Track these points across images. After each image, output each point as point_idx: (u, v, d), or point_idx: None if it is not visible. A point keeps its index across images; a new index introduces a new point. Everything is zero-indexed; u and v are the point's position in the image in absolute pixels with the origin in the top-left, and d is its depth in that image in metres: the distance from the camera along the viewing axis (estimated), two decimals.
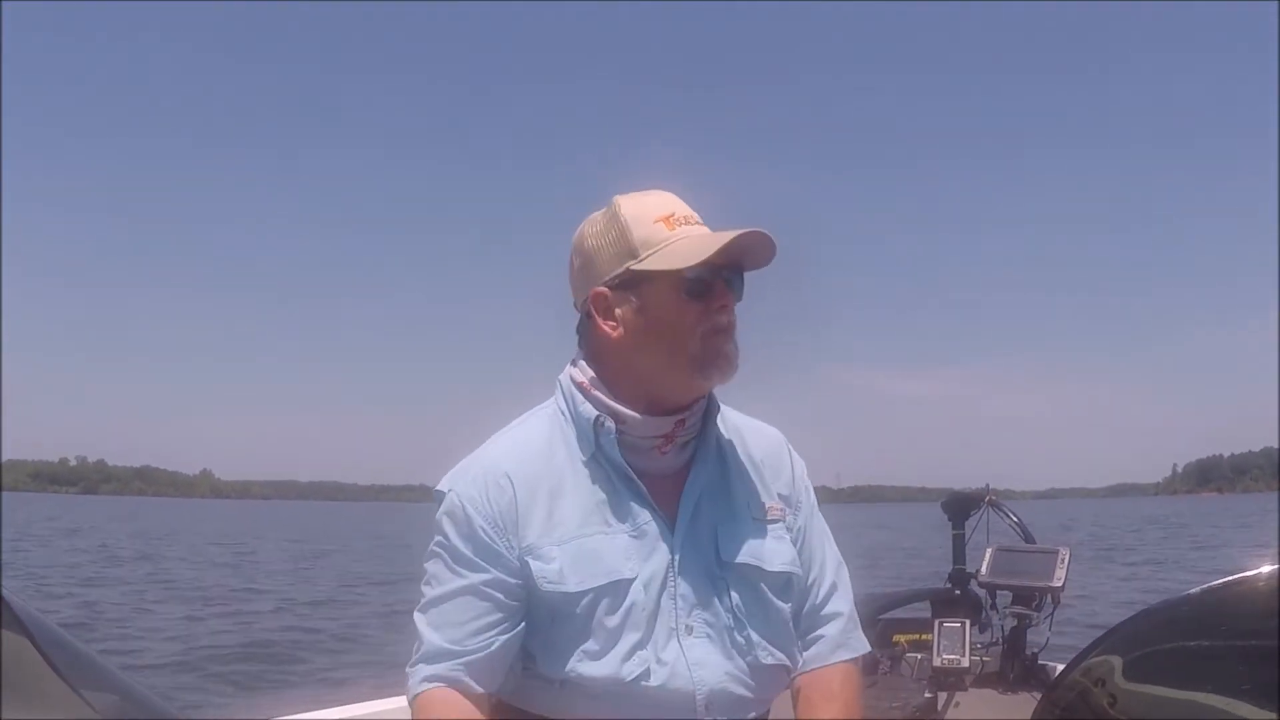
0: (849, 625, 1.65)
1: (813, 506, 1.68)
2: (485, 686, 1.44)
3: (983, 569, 2.90)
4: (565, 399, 1.56)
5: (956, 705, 2.71)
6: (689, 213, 1.52)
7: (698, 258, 1.44)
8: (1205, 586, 1.38)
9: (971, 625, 2.79)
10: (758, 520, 1.56)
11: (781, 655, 1.54)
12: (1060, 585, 2.77)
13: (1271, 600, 1.31)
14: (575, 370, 1.56)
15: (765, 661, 1.51)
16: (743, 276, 1.52)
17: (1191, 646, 1.41)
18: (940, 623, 2.77)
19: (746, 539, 1.53)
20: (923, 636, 2.85)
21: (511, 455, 1.51)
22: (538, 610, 1.46)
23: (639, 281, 1.48)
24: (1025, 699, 2.70)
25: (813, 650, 1.61)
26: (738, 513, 1.55)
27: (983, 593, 2.94)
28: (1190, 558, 22.55)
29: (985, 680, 2.79)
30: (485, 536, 1.45)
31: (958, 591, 3.02)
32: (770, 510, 1.58)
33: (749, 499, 1.58)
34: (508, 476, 1.48)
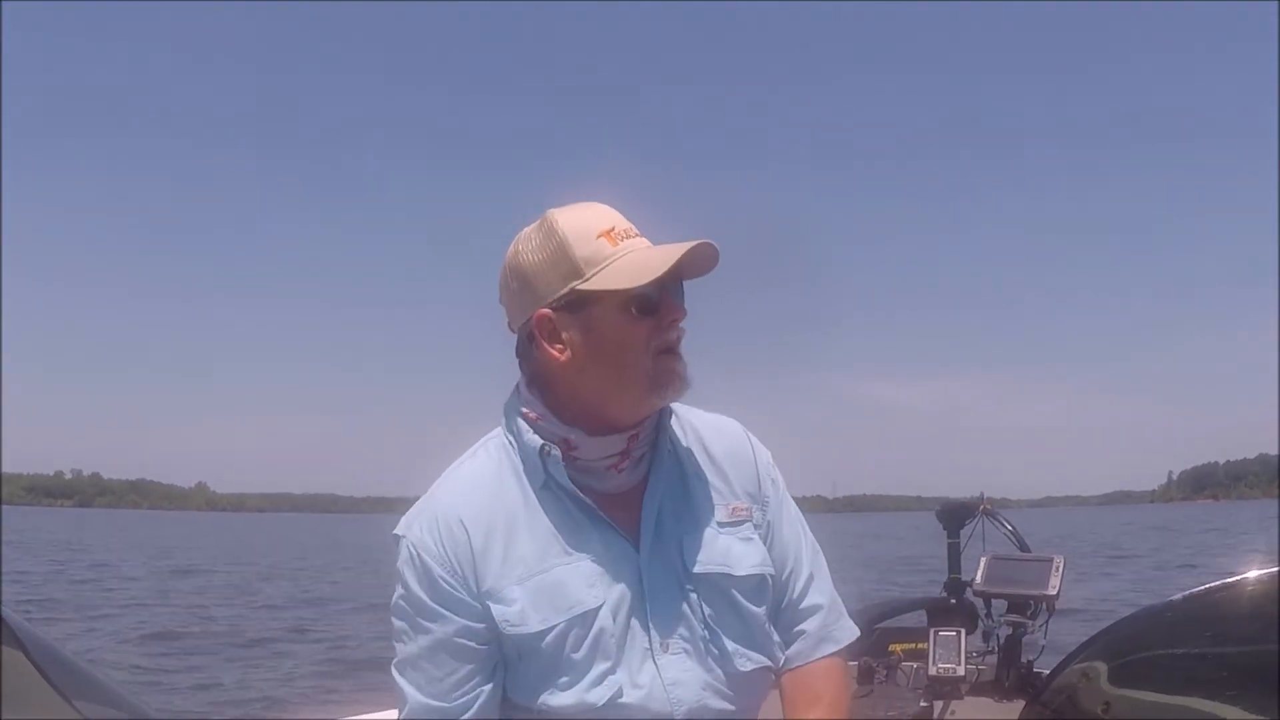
0: (829, 616, 1.60)
1: (782, 496, 1.62)
2: None
3: (978, 578, 2.92)
4: (509, 429, 1.52)
5: (952, 713, 2.72)
6: (628, 226, 1.47)
7: (651, 274, 1.39)
8: (1190, 591, 1.40)
9: (967, 634, 2.81)
10: (723, 524, 1.52)
11: (761, 657, 1.51)
12: (1055, 593, 2.80)
13: (1257, 605, 1.33)
14: (518, 398, 1.51)
15: (744, 669, 1.48)
16: (682, 286, 1.48)
17: (1178, 652, 1.42)
18: (936, 631, 2.79)
19: (713, 546, 1.50)
20: (918, 645, 2.87)
21: (463, 496, 1.47)
22: (508, 646, 1.43)
23: (585, 302, 1.43)
24: (1020, 707, 2.71)
25: (795, 647, 1.57)
26: (701, 520, 1.51)
27: (978, 601, 2.97)
28: (1185, 564, 22.56)
29: (981, 689, 2.81)
30: (446, 585, 1.42)
31: (953, 600, 3.05)
32: (735, 511, 1.54)
33: (712, 503, 1.54)
34: (460, 521, 1.44)
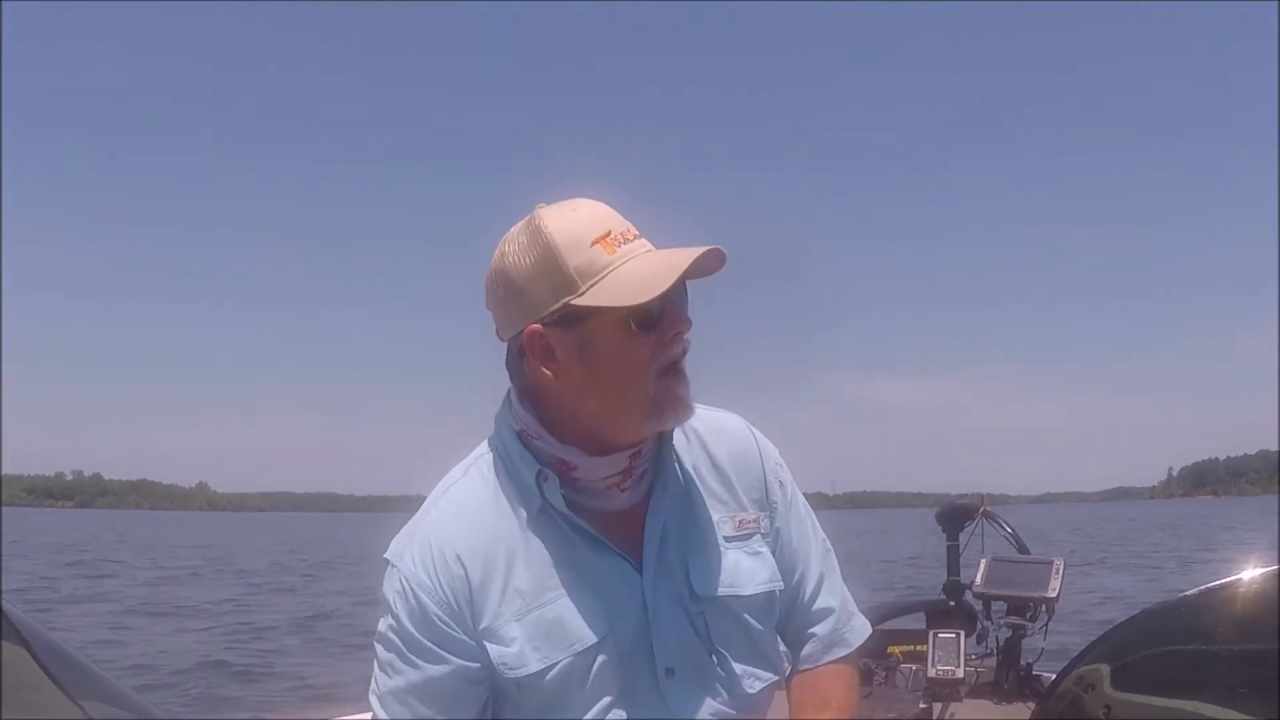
0: (840, 619, 1.55)
1: (790, 497, 1.53)
2: None
3: (977, 580, 2.91)
4: (502, 449, 1.41)
5: (951, 716, 2.71)
6: (626, 228, 1.32)
7: (655, 289, 1.25)
8: (1193, 591, 1.39)
9: (966, 636, 2.81)
10: (730, 538, 1.44)
11: (770, 675, 1.47)
12: (1055, 595, 2.79)
13: (1258, 604, 1.32)
14: (512, 414, 1.40)
15: (752, 690, 1.44)
16: (686, 292, 1.34)
17: (1182, 652, 1.41)
18: (935, 633, 2.78)
19: (720, 566, 1.42)
20: (918, 647, 2.86)
21: (459, 528, 1.36)
22: (504, 684, 1.35)
23: (580, 317, 1.29)
24: (1020, 709, 2.71)
25: (805, 649, 1.53)
26: (707, 537, 1.43)
27: (978, 603, 2.96)
28: (1188, 561, 22.53)
29: (980, 691, 2.80)
30: (440, 623, 1.33)
31: (952, 602, 3.05)
32: (743, 524, 1.46)
33: (719, 518, 1.45)
34: (458, 557, 1.34)
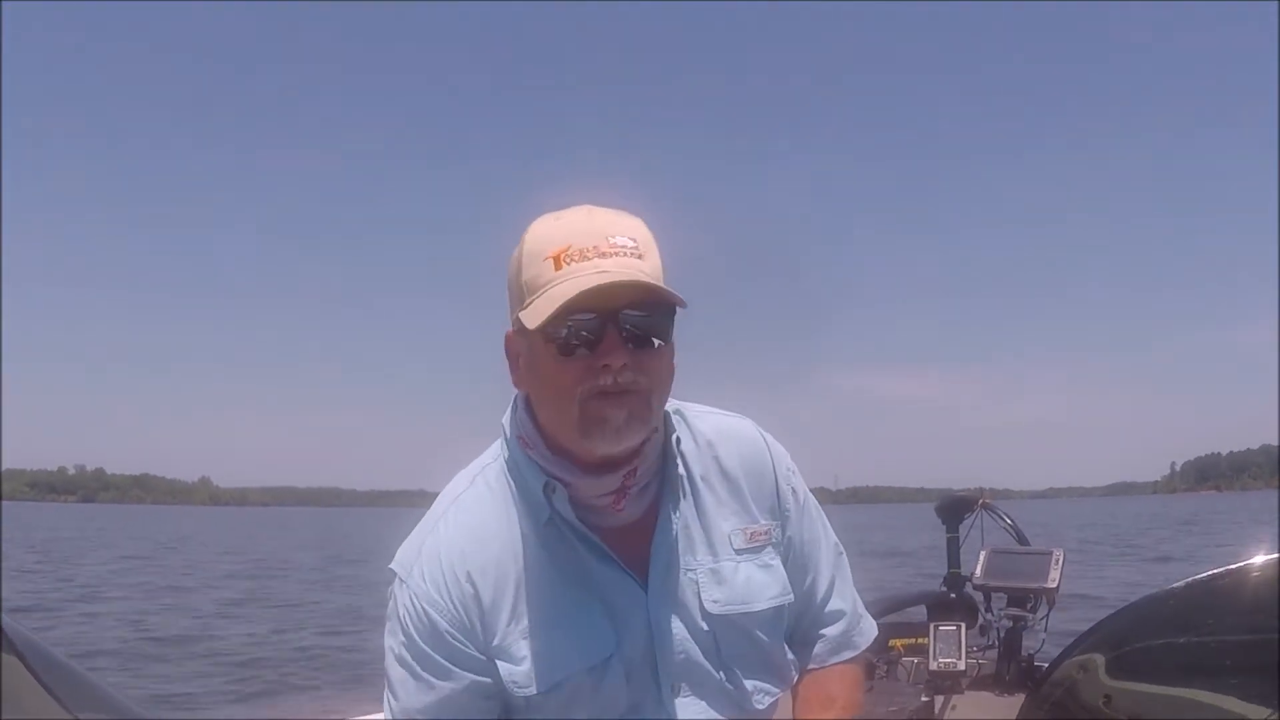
0: (851, 621, 1.55)
1: (803, 503, 1.51)
2: None
3: (977, 572, 2.92)
4: (510, 456, 1.40)
5: (953, 708, 2.71)
6: (596, 244, 1.26)
7: (539, 317, 1.23)
8: (1189, 580, 1.38)
9: (967, 628, 2.80)
10: (741, 551, 1.42)
11: (779, 688, 1.46)
12: (1055, 586, 2.79)
13: (1257, 592, 1.31)
14: (515, 418, 1.39)
15: (760, 705, 1.43)
16: (662, 315, 1.28)
17: (1178, 642, 1.41)
18: (936, 626, 2.77)
19: (731, 582, 1.40)
20: (919, 640, 2.86)
21: (468, 543, 1.35)
22: (512, 700, 1.35)
23: (525, 332, 1.29)
24: (1021, 701, 2.70)
25: (814, 650, 1.53)
26: (718, 551, 1.41)
27: (978, 595, 2.96)
28: (1189, 554, 22.52)
29: (981, 683, 2.79)
30: (454, 641, 1.32)
31: (953, 595, 3.05)
32: (754, 536, 1.44)
33: (728, 529, 1.43)
34: (469, 574, 1.33)
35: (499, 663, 1.33)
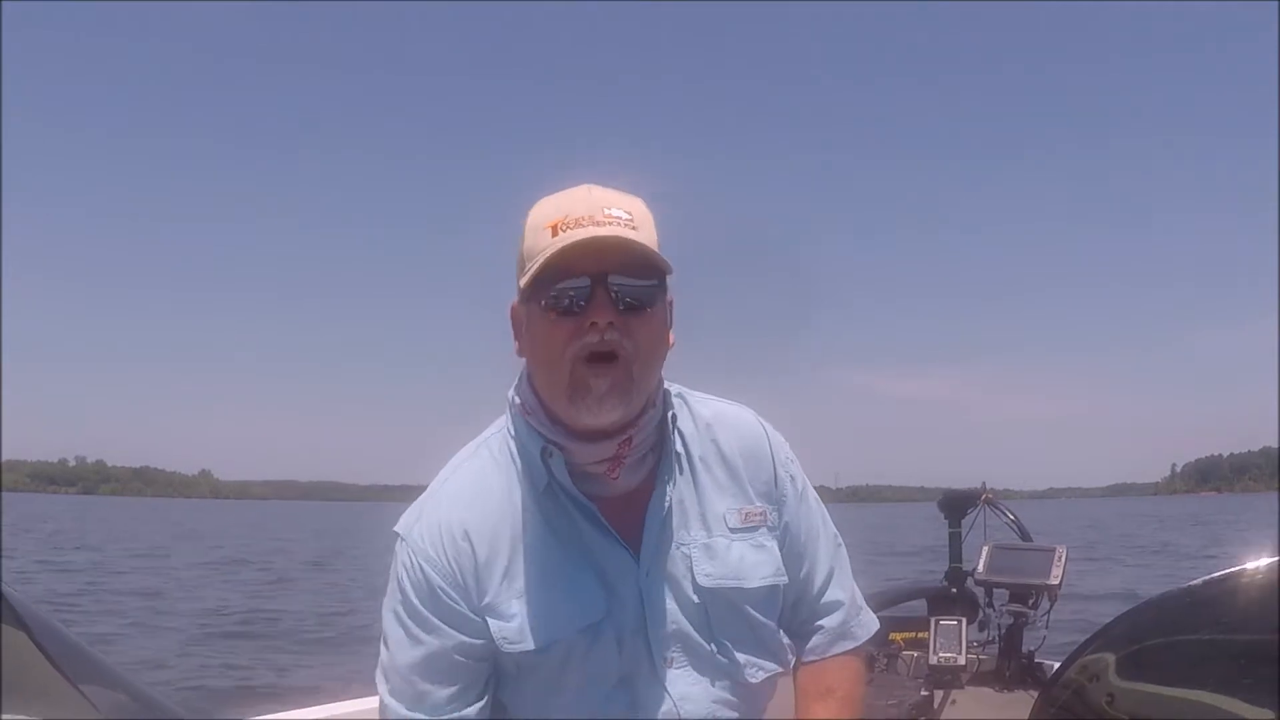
0: (849, 612, 1.55)
1: (801, 490, 1.53)
2: None
3: (979, 567, 2.91)
4: (511, 426, 1.44)
5: (953, 703, 2.71)
6: (594, 212, 1.31)
7: (529, 275, 1.29)
8: (1197, 581, 1.37)
9: (968, 623, 2.80)
10: (736, 530, 1.44)
11: (773, 665, 1.47)
12: (1057, 583, 2.78)
13: (1264, 593, 1.30)
14: (518, 390, 1.44)
15: (754, 679, 1.44)
16: (650, 279, 1.32)
17: (1186, 641, 1.40)
18: (937, 620, 2.78)
19: (725, 557, 1.42)
20: (919, 634, 2.85)
21: (467, 505, 1.40)
22: (504, 662, 1.39)
23: (525, 299, 1.35)
24: (1022, 697, 2.70)
25: (812, 641, 1.53)
26: (712, 527, 1.43)
27: (980, 591, 2.95)
28: (1192, 555, 22.53)
29: (982, 678, 2.80)
30: (446, 598, 1.36)
31: (954, 589, 3.03)
32: (749, 516, 1.46)
33: (723, 509, 1.45)
34: (466, 533, 1.37)
35: (490, 620, 1.36)
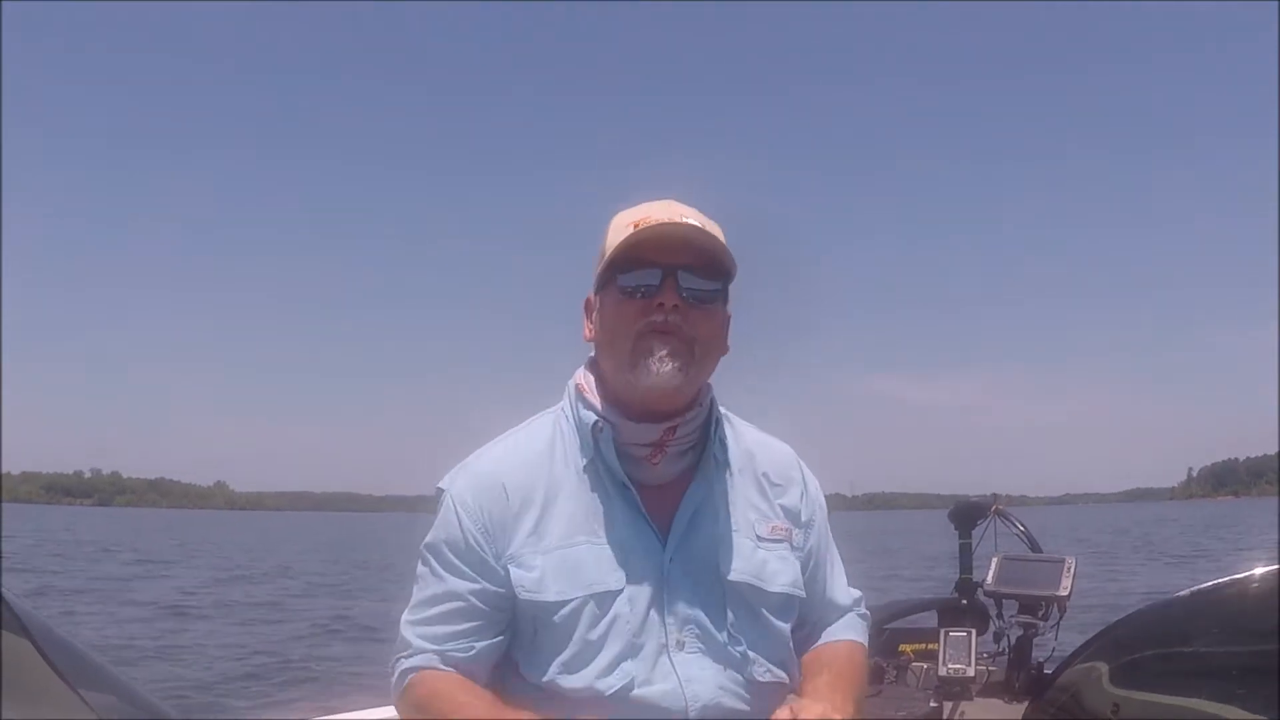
0: (859, 625, 1.70)
1: (825, 533, 1.66)
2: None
3: (989, 578, 2.93)
4: (569, 402, 1.57)
5: (962, 714, 2.72)
6: (672, 216, 1.48)
7: (608, 256, 1.47)
8: (1195, 588, 1.39)
9: (978, 634, 2.81)
10: (762, 539, 1.54)
11: (781, 673, 1.53)
12: (1066, 594, 2.79)
13: (1262, 603, 1.31)
14: (580, 374, 1.58)
15: (762, 679, 1.50)
16: (715, 282, 1.48)
17: (1181, 651, 1.41)
18: (946, 632, 2.79)
19: (747, 557, 1.51)
20: (929, 646, 2.87)
21: (510, 461, 1.52)
22: (523, 619, 1.47)
23: (601, 285, 1.52)
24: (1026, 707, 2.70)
25: (811, 639, 1.65)
26: (740, 529, 1.53)
27: (989, 602, 2.97)
28: (1204, 560, 22.35)
29: (991, 690, 2.80)
30: (474, 543, 1.47)
31: (964, 601, 3.05)
32: (776, 530, 1.56)
33: (753, 517, 1.55)
34: (502, 485, 1.49)
35: (512, 569, 1.46)
